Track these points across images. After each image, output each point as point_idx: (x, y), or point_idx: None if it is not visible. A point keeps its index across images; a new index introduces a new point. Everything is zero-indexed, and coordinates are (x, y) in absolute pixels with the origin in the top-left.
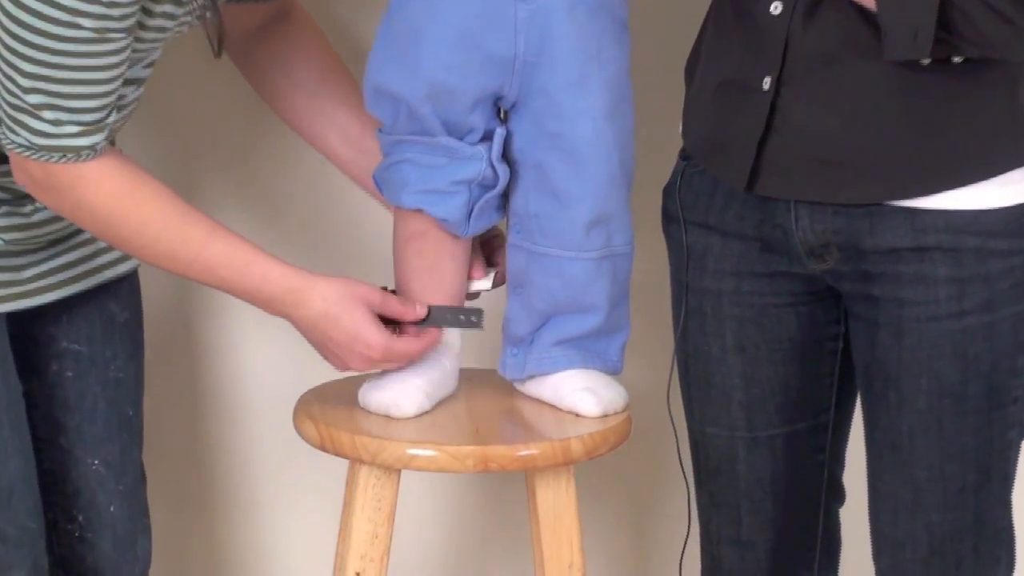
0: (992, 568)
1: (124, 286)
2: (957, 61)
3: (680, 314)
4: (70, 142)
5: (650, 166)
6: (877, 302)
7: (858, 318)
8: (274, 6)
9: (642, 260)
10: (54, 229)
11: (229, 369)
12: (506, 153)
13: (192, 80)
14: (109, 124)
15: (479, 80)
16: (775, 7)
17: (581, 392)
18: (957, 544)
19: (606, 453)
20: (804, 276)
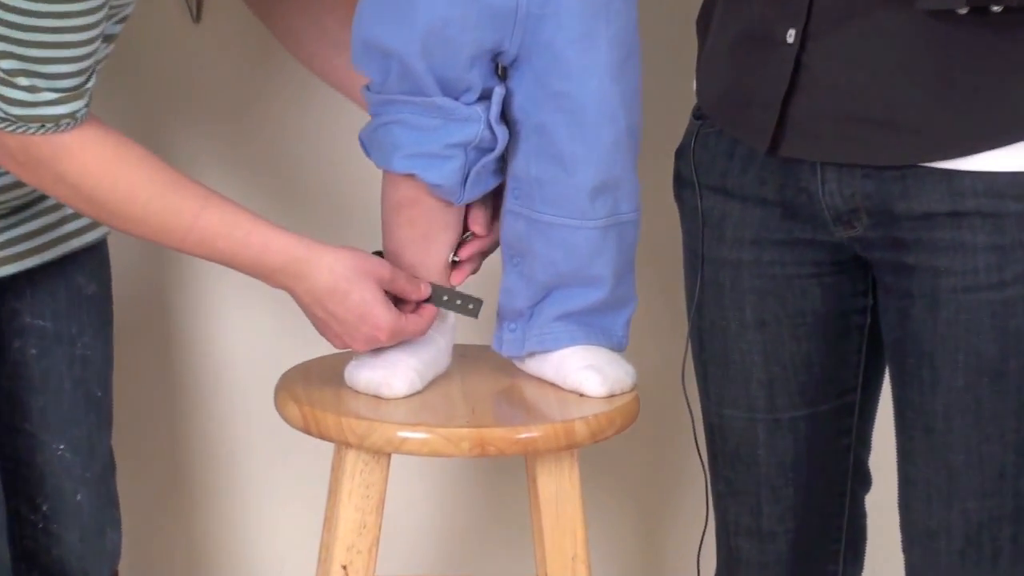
0: None
1: (92, 256)
2: (996, 11)
3: (695, 286)
4: (48, 111)
5: (659, 127)
6: (910, 272)
7: (889, 289)
8: None
9: (650, 228)
10: (16, 195)
11: (206, 345)
12: (505, 113)
13: (175, 36)
14: (89, 89)
15: (477, 33)
16: None
17: (585, 370)
18: (995, 533)
19: (613, 436)
20: (830, 244)
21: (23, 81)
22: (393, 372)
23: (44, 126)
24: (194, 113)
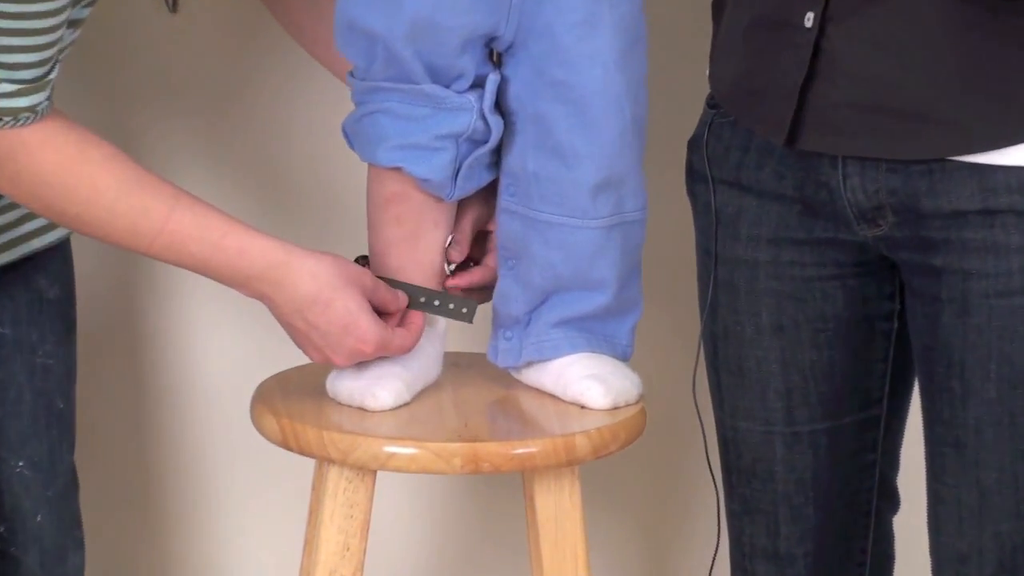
0: None
1: (54, 258)
2: None
3: (707, 288)
4: (6, 103)
5: (669, 118)
6: (938, 274)
7: (916, 293)
8: None
9: (658, 226)
10: None
11: (177, 353)
12: (500, 103)
13: (150, 27)
14: (51, 81)
15: (469, 17)
16: None
17: (587, 380)
18: None
19: (617, 451)
20: (853, 244)
21: None
22: (378, 382)
23: (2, 120)
24: (171, 110)
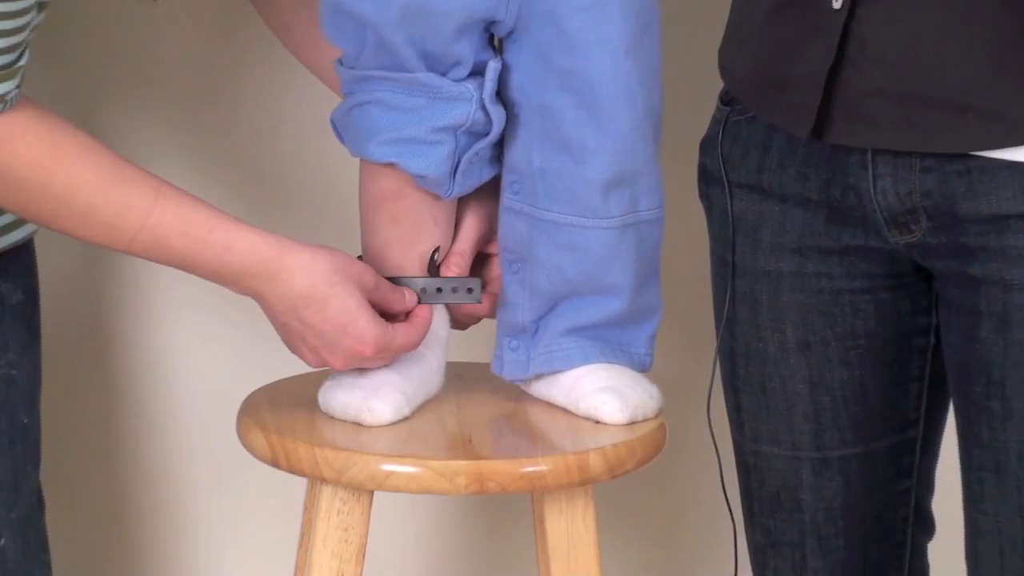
0: None
1: (16, 259)
2: None
3: (724, 302)
4: None
5: (680, 114)
6: (977, 285)
7: (953, 306)
8: None
9: (677, 229)
10: None
11: (153, 362)
12: (502, 92)
13: (129, 15)
14: (21, 68)
15: (466, 0)
16: None
17: (602, 392)
18: None
19: (634, 470)
20: (885, 252)
21: None
22: (376, 395)
23: None
24: (152, 102)
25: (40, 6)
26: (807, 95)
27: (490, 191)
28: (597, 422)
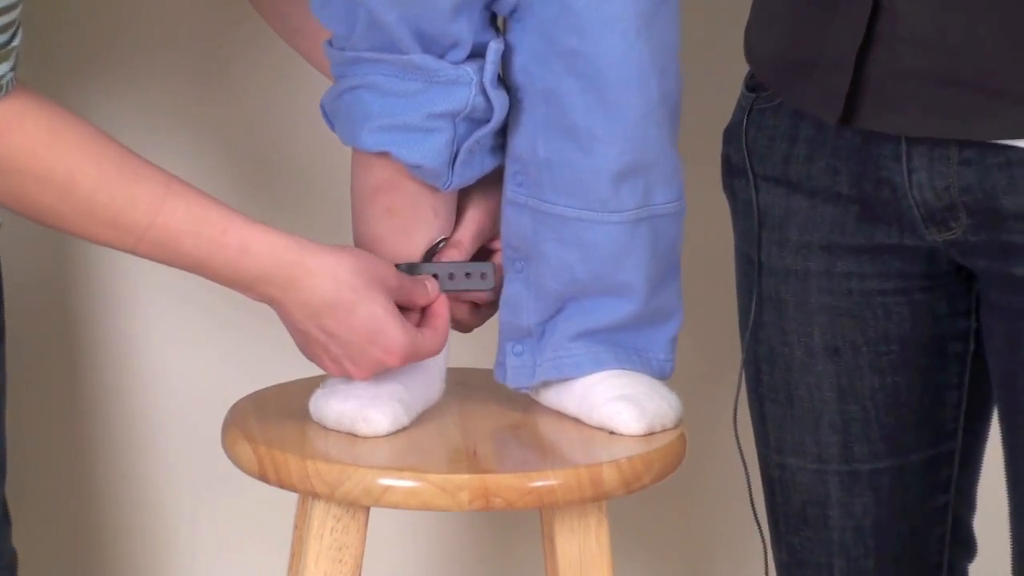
0: None
1: None
2: None
3: (750, 303)
4: None
5: (708, 98)
6: (1021, 285)
7: (994, 307)
8: None
9: (701, 224)
10: None
11: (127, 366)
12: (505, 76)
13: None
14: (16, 48)
15: None
16: None
17: (617, 401)
18: None
19: (651, 485)
20: (921, 251)
21: None
22: (372, 403)
23: None
24: (146, 83)
25: None
26: (836, 77)
27: (494, 183)
28: (612, 433)
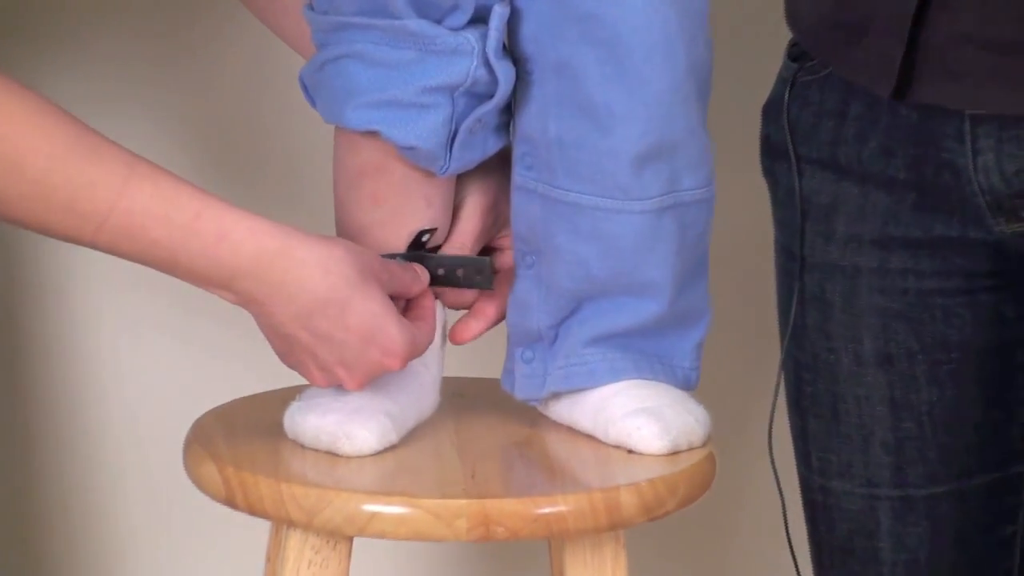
0: None
1: None
2: None
3: (791, 303)
4: None
5: (742, 70)
6: None
7: None
8: None
9: (722, 218)
10: None
11: (78, 377)
12: (511, 45)
13: None
14: None
15: None
16: None
17: (637, 416)
18: None
19: (675, 512)
20: (986, 245)
21: None
22: (355, 418)
23: None
24: (104, 53)
25: None
26: (889, 44)
27: (498, 168)
28: (630, 452)
